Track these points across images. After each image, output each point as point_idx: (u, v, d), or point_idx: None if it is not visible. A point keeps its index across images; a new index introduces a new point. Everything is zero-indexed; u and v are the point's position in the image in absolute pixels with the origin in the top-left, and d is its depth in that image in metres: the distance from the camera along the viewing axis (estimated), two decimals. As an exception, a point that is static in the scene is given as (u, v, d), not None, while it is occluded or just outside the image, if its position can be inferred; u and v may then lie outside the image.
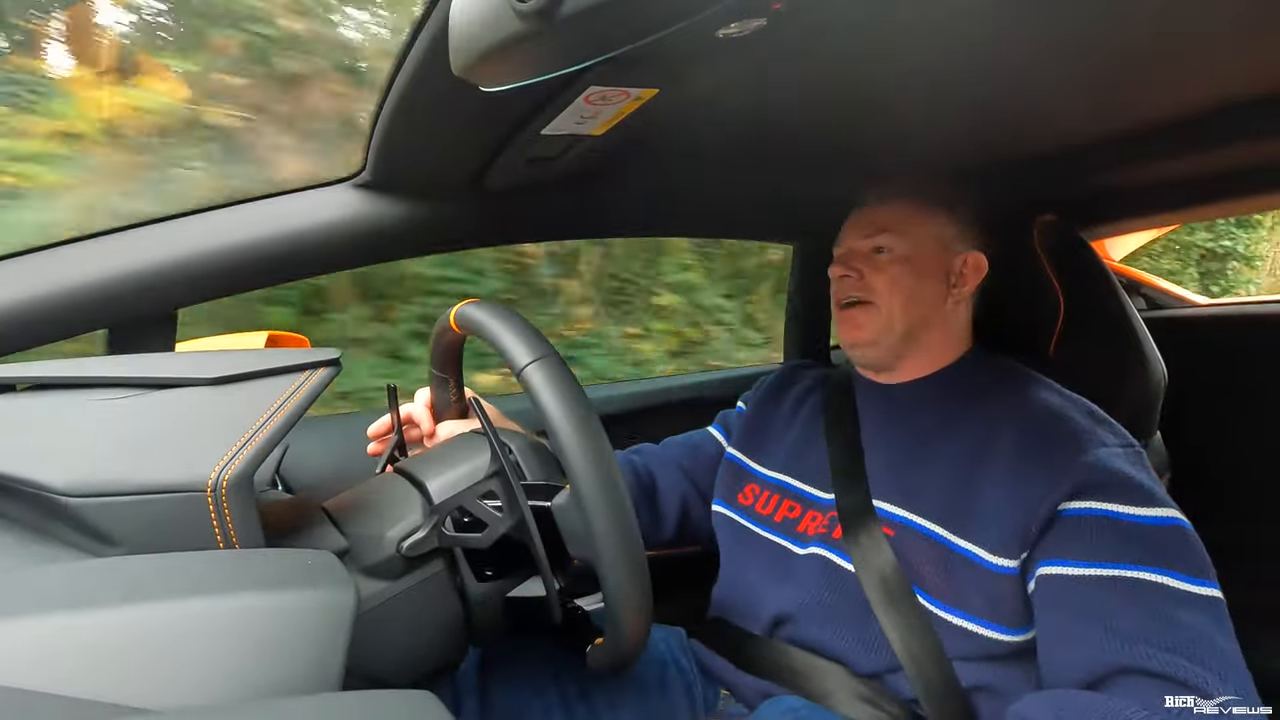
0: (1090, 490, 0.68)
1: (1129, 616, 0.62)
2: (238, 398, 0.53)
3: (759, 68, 0.68)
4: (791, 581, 0.83)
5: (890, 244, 0.85)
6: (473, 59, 0.48)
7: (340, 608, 0.45)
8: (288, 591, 0.44)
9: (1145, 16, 0.61)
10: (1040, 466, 0.71)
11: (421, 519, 0.61)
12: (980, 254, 0.86)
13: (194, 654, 0.40)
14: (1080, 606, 0.64)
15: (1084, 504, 0.68)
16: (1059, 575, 0.67)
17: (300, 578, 0.46)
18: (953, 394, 0.84)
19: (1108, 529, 0.66)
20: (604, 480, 0.54)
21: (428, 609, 0.61)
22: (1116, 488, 0.68)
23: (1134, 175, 1.13)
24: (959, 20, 0.60)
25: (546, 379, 0.56)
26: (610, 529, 0.54)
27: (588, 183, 0.98)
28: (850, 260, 0.87)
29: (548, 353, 0.57)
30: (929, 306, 0.85)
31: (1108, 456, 0.70)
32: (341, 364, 0.57)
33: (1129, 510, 0.67)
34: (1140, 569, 0.64)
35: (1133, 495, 0.67)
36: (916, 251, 0.85)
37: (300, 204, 0.87)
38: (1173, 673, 0.58)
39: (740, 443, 1.00)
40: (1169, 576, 0.63)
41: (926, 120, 0.89)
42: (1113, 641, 0.61)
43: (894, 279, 0.84)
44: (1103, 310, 0.97)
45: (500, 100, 0.57)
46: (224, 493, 0.48)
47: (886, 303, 0.84)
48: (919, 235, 0.85)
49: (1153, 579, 0.63)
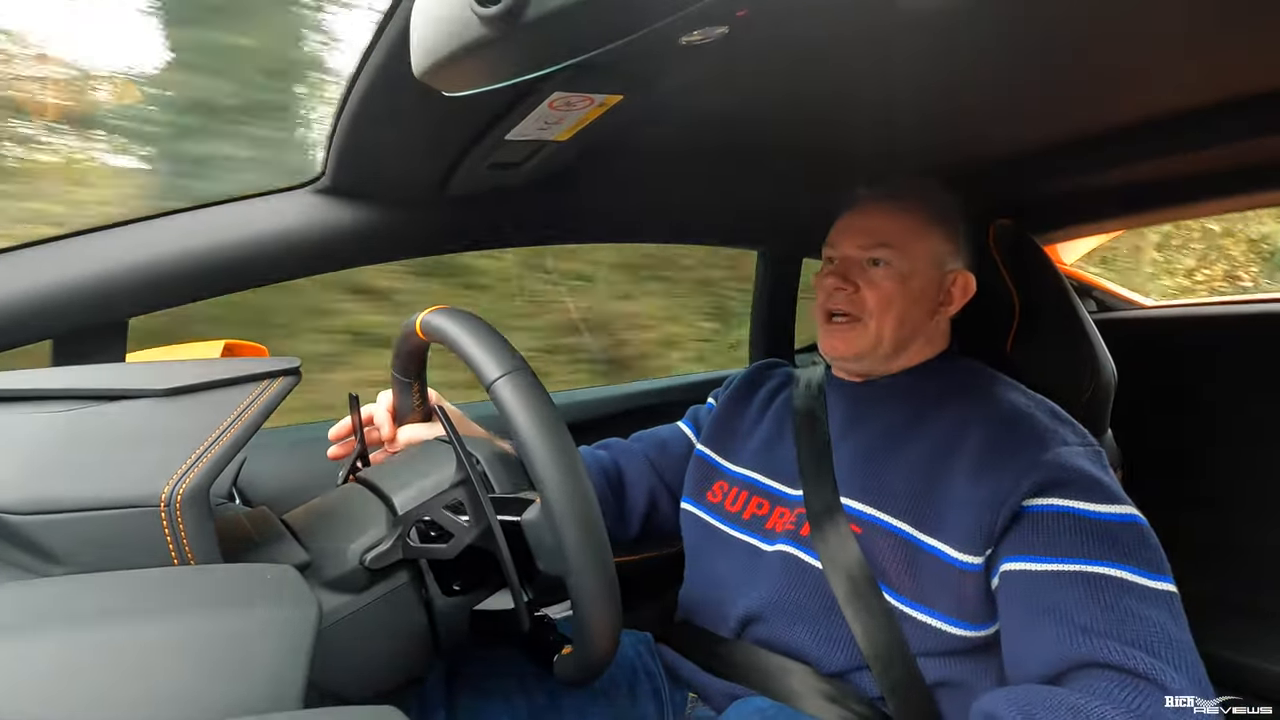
0: (1053, 487, 0.70)
1: (1089, 611, 0.64)
2: (193, 409, 0.52)
3: (723, 75, 0.68)
4: (759, 580, 0.83)
5: (889, 258, 0.84)
6: (434, 63, 0.48)
7: (301, 623, 0.44)
8: (245, 607, 0.43)
9: (1097, 29, 0.64)
10: (1005, 464, 0.72)
11: (385, 530, 0.60)
12: (970, 274, 0.87)
13: (146, 675, 0.39)
14: (1042, 601, 0.66)
15: (1047, 501, 0.70)
16: (1022, 571, 0.68)
17: (259, 593, 0.45)
18: (920, 392, 0.85)
19: (1069, 525, 0.68)
20: (577, 499, 0.54)
21: (393, 622, 0.60)
22: (1078, 485, 0.70)
23: (1085, 182, 1.17)
24: (915, 31, 0.62)
25: (517, 394, 0.55)
26: (583, 548, 0.54)
27: (553, 189, 0.97)
28: (844, 270, 0.86)
29: (518, 366, 0.56)
30: (917, 324, 0.86)
31: (1070, 455, 0.72)
32: (302, 373, 0.56)
33: (1090, 507, 0.69)
34: (1100, 564, 0.65)
35: (1093, 493, 0.69)
36: (913, 269, 0.84)
37: (258, 210, 0.85)
38: (1132, 665, 0.60)
39: (709, 439, 1.00)
40: (1128, 571, 0.65)
41: (886, 126, 0.90)
42: (1074, 636, 0.63)
43: (888, 297, 0.83)
44: (1056, 312, 1.00)
45: (463, 104, 0.57)
46: (178, 507, 0.47)
47: (878, 321, 0.84)
48: (917, 252, 0.84)
49: (1112, 573, 0.65)
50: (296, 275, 0.91)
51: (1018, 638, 0.68)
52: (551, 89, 0.63)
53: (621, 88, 0.64)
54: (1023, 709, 0.60)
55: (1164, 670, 0.59)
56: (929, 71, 0.72)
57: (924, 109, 0.85)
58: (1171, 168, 1.07)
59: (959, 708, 0.72)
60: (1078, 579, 0.65)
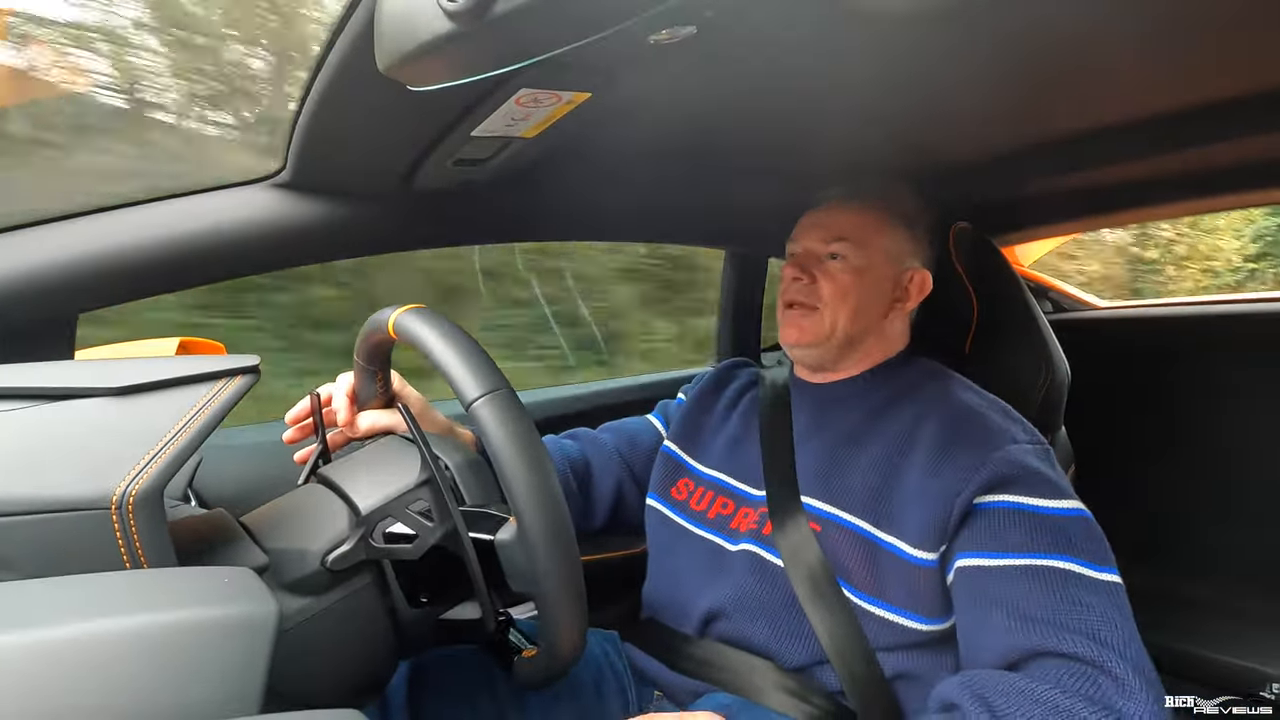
0: (1002, 484, 0.72)
1: (1038, 602, 0.66)
2: (146, 408, 0.50)
3: (691, 74, 0.69)
4: (722, 577, 0.84)
5: (846, 253, 0.86)
6: (399, 57, 0.47)
7: (260, 626, 0.43)
8: (200, 610, 0.42)
9: (1057, 36, 0.65)
10: (956, 461, 0.74)
11: (348, 530, 0.59)
12: (927, 272, 0.89)
13: (97, 683, 0.37)
14: (993, 595, 0.68)
15: (997, 497, 0.72)
16: (976, 567, 0.70)
17: (215, 595, 0.44)
18: (879, 392, 0.87)
19: (1018, 520, 0.70)
20: (554, 531, 0.54)
21: (355, 624, 0.59)
22: (1026, 481, 0.72)
23: (1044, 185, 1.20)
24: (880, 36, 0.63)
25: (499, 417, 0.55)
26: (558, 576, 0.54)
27: (520, 185, 0.97)
28: (804, 262, 0.88)
29: (500, 385, 0.56)
30: (872, 318, 0.87)
31: (1019, 453, 0.74)
32: (260, 372, 0.55)
33: (1038, 502, 0.71)
34: (1048, 556, 0.68)
35: (1041, 488, 0.72)
36: (870, 264, 0.86)
37: (215, 203, 0.83)
38: (1081, 653, 0.62)
39: (677, 436, 1.00)
40: (1074, 563, 0.67)
41: (851, 129, 0.92)
42: (1024, 626, 0.65)
43: (843, 289, 0.85)
44: (1013, 313, 1.02)
45: (428, 99, 0.56)
46: (130, 509, 0.45)
47: (832, 311, 0.86)
48: (875, 247, 0.87)
49: (1060, 565, 0.67)
50: (256, 271, 0.89)
51: (971, 631, 0.70)
52: (519, 85, 0.62)
53: (589, 85, 0.64)
54: (976, 693, 0.62)
55: (1110, 657, 0.62)
56: (892, 76, 0.74)
57: (887, 112, 0.86)
58: (1128, 172, 1.10)
59: (917, 699, 0.74)
60: (1027, 572, 0.67)
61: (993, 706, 0.61)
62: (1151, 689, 0.61)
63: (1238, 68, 0.74)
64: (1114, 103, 0.85)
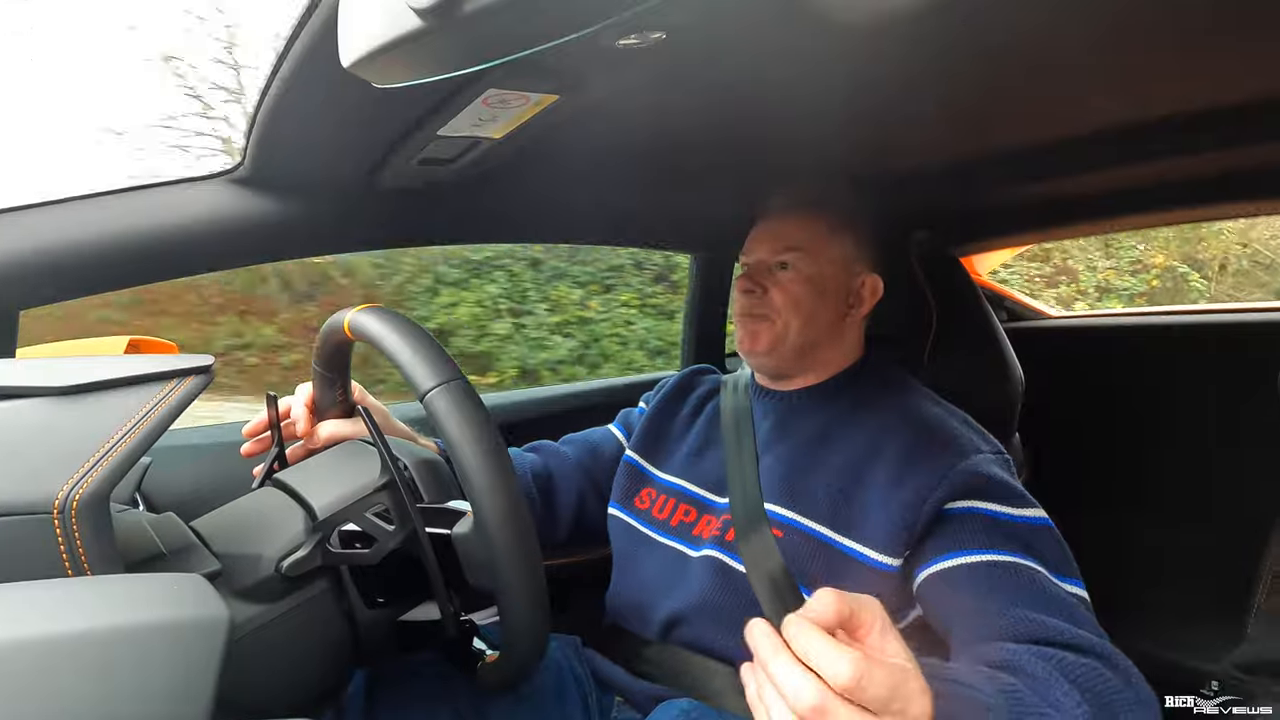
0: (970, 492, 0.73)
1: (1016, 592, 0.66)
2: (93, 409, 0.48)
3: (659, 79, 0.69)
4: (684, 583, 0.84)
5: (796, 262, 0.88)
6: (364, 54, 0.46)
7: (209, 634, 0.42)
8: (145, 618, 0.41)
9: (1017, 50, 0.67)
10: (923, 470, 0.75)
11: (304, 536, 0.58)
12: (877, 277, 0.91)
13: (37, 696, 0.36)
14: (973, 587, 0.69)
15: (966, 504, 0.73)
16: (950, 568, 0.71)
17: (161, 603, 0.42)
18: (841, 401, 0.88)
19: (988, 525, 0.72)
20: (510, 516, 0.53)
21: (310, 632, 0.58)
22: (993, 490, 0.74)
23: (1002, 196, 1.23)
24: (844, 47, 0.64)
25: (453, 407, 0.54)
26: (516, 566, 0.53)
27: (486, 186, 0.96)
28: (754, 273, 0.90)
29: (453, 376, 0.55)
30: (825, 325, 0.89)
31: (984, 462, 0.76)
32: (214, 372, 0.53)
33: (1006, 510, 0.73)
34: (1011, 555, 0.69)
35: (1008, 497, 0.74)
36: (820, 272, 0.88)
37: (168, 198, 0.81)
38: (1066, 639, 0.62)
39: (639, 445, 1.00)
40: (1037, 564, 0.69)
41: (814, 137, 0.93)
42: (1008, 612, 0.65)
43: (795, 298, 0.87)
44: (970, 321, 1.05)
45: (393, 97, 0.55)
46: (74, 514, 0.44)
47: (784, 320, 0.87)
48: (824, 256, 0.88)
49: (1022, 563, 0.69)
50: (210, 268, 0.87)
51: (961, 623, 0.69)
52: (486, 85, 0.62)
53: (557, 88, 0.64)
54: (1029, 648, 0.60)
55: (1115, 650, 0.62)
56: (855, 86, 0.75)
57: (850, 122, 0.88)
58: (1085, 184, 1.13)
59: None
60: (999, 567, 0.68)
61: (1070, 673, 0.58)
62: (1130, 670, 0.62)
63: (1192, 83, 0.77)
64: (1071, 116, 0.88)
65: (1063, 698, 0.56)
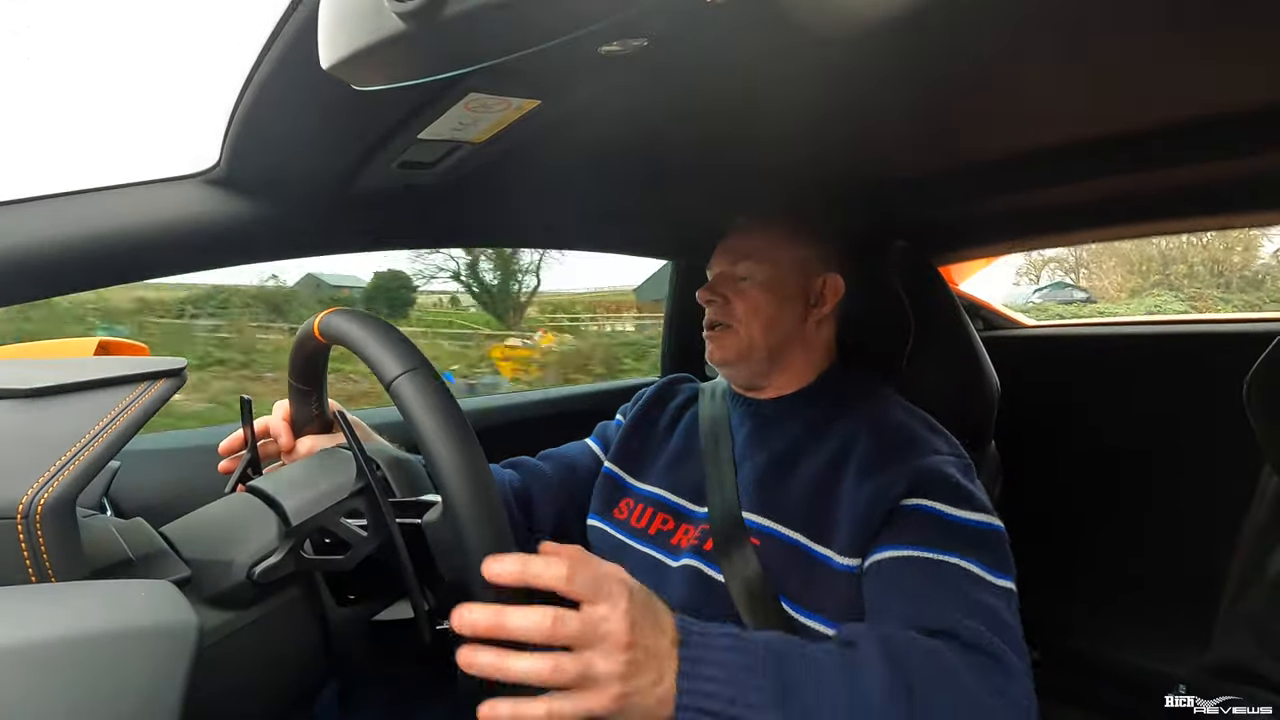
0: (922, 490, 0.75)
1: (942, 595, 0.68)
2: (60, 412, 0.47)
3: (640, 87, 0.69)
4: (663, 593, 0.83)
5: (752, 271, 0.90)
6: (344, 55, 0.46)
7: (178, 642, 0.41)
8: (111, 625, 0.40)
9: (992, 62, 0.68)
10: (883, 470, 0.77)
11: (277, 541, 0.57)
12: (838, 275, 0.93)
13: None
14: (900, 581, 0.70)
15: (916, 501, 0.75)
16: (883, 559, 0.73)
17: (128, 609, 0.42)
18: (814, 409, 0.90)
19: (932, 523, 0.73)
20: (479, 494, 0.52)
21: (283, 639, 0.57)
22: (944, 490, 0.75)
23: (979, 208, 1.25)
24: (822, 58, 0.65)
25: (418, 391, 0.53)
26: (486, 545, 0.52)
27: (467, 191, 0.95)
28: (716, 286, 0.92)
29: (419, 363, 0.55)
30: (790, 328, 0.91)
31: (939, 463, 0.77)
32: (186, 376, 0.52)
33: (951, 510, 0.74)
34: (950, 555, 0.70)
35: (957, 499, 0.75)
36: (777, 277, 0.90)
37: (140, 198, 0.79)
38: (983, 642, 0.64)
39: (617, 457, 1.00)
40: (976, 566, 0.70)
41: (796, 146, 0.94)
42: (928, 610, 0.67)
43: (755, 305, 0.89)
44: (947, 330, 1.06)
45: (373, 99, 0.55)
46: (38, 518, 0.43)
47: (747, 327, 0.89)
48: (780, 261, 0.90)
49: (960, 564, 0.70)
50: (183, 270, 0.85)
51: (874, 613, 0.71)
52: (467, 89, 0.61)
53: (539, 93, 0.64)
54: (881, 639, 0.62)
55: (1003, 650, 0.64)
56: (834, 97, 0.76)
57: (829, 132, 0.89)
58: (1062, 196, 1.15)
59: None
60: (930, 564, 0.70)
61: (893, 652, 0.60)
62: (1031, 683, 0.64)
63: (1168, 96, 0.78)
64: (1047, 128, 0.89)
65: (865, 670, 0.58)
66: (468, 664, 0.50)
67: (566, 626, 0.50)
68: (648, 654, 0.52)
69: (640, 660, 0.52)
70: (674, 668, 0.53)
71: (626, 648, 0.51)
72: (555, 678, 0.49)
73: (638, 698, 0.51)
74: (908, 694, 0.57)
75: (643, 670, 0.52)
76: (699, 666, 0.54)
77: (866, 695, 0.57)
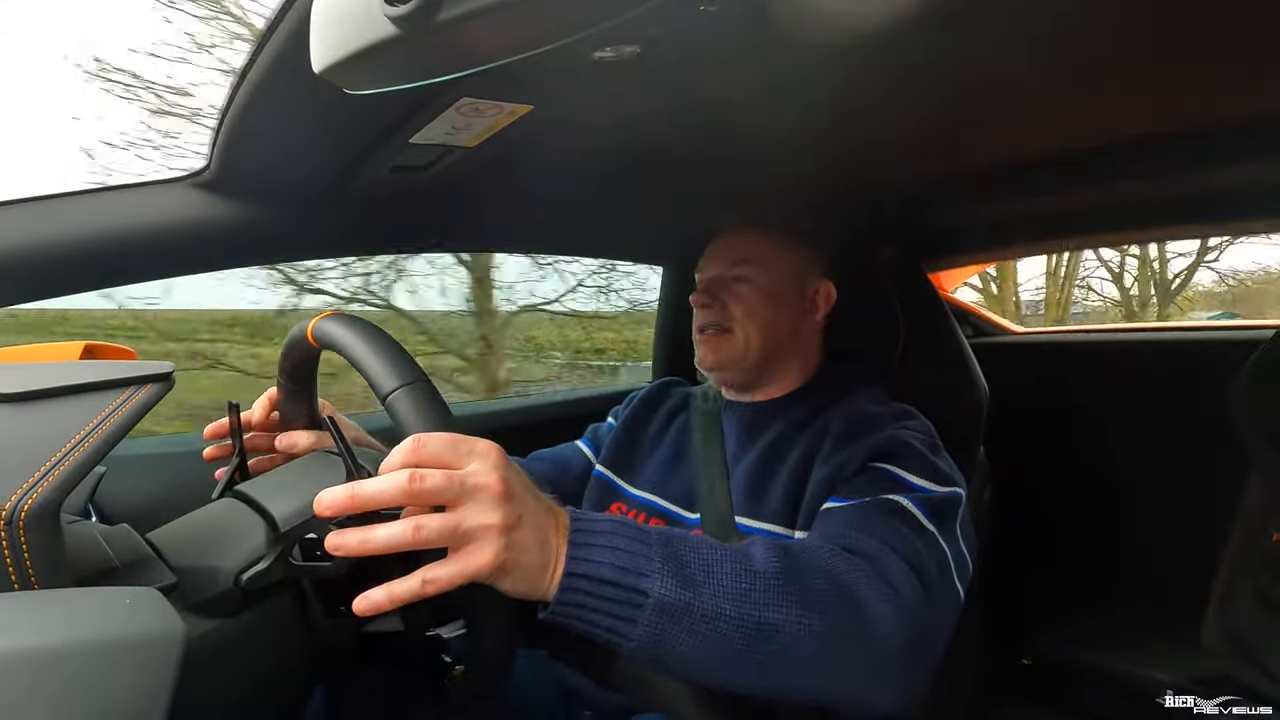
0: (885, 456, 0.76)
1: (874, 522, 0.68)
2: (44, 416, 0.47)
3: (632, 93, 0.69)
4: None
5: (750, 274, 0.90)
6: (335, 59, 0.46)
7: (163, 650, 0.41)
8: (96, 634, 0.39)
9: (984, 72, 0.69)
10: (845, 447, 0.78)
11: (265, 548, 0.56)
12: (830, 283, 0.93)
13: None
14: (838, 517, 0.71)
15: (878, 464, 0.76)
16: (829, 508, 0.73)
17: (113, 618, 0.41)
18: (801, 408, 0.90)
19: (887, 482, 0.73)
20: None
21: (271, 647, 0.56)
22: (906, 457, 0.76)
23: (970, 215, 1.26)
24: (814, 67, 0.65)
25: (415, 406, 0.53)
26: None
27: (459, 195, 0.95)
28: (712, 288, 0.91)
29: (417, 378, 0.54)
30: (784, 332, 0.91)
31: (904, 434, 0.79)
32: (174, 380, 0.52)
33: (912, 478, 0.74)
34: (903, 497, 0.71)
35: (920, 468, 0.75)
36: (774, 282, 0.90)
37: (128, 200, 0.79)
38: (881, 556, 0.63)
39: (609, 460, 1.00)
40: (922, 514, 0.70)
41: (789, 153, 0.94)
42: (852, 529, 0.67)
43: (752, 308, 0.89)
44: (938, 336, 1.06)
45: (366, 103, 0.54)
46: (21, 524, 0.42)
47: (743, 330, 0.89)
48: (777, 266, 0.91)
49: (909, 508, 0.70)
50: (171, 274, 0.85)
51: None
52: (460, 94, 0.61)
53: (532, 98, 0.64)
54: (781, 548, 0.61)
55: (917, 591, 0.63)
56: (826, 105, 0.76)
57: (820, 140, 0.89)
58: (1051, 204, 1.16)
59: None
60: (871, 504, 0.70)
61: (791, 549, 0.61)
62: (928, 646, 0.63)
63: (1159, 106, 0.79)
64: (1036, 137, 0.90)
65: (759, 555, 0.58)
66: (335, 547, 0.47)
67: (425, 481, 0.46)
68: (528, 511, 0.50)
69: (521, 515, 0.49)
70: (562, 534, 0.52)
71: (501, 498, 0.48)
72: (420, 537, 0.46)
73: (522, 555, 0.49)
74: (798, 577, 0.57)
75: (524, 525, 0.49)
76: (588, 536, 0.53)
77: (750, 561, 0.57)
